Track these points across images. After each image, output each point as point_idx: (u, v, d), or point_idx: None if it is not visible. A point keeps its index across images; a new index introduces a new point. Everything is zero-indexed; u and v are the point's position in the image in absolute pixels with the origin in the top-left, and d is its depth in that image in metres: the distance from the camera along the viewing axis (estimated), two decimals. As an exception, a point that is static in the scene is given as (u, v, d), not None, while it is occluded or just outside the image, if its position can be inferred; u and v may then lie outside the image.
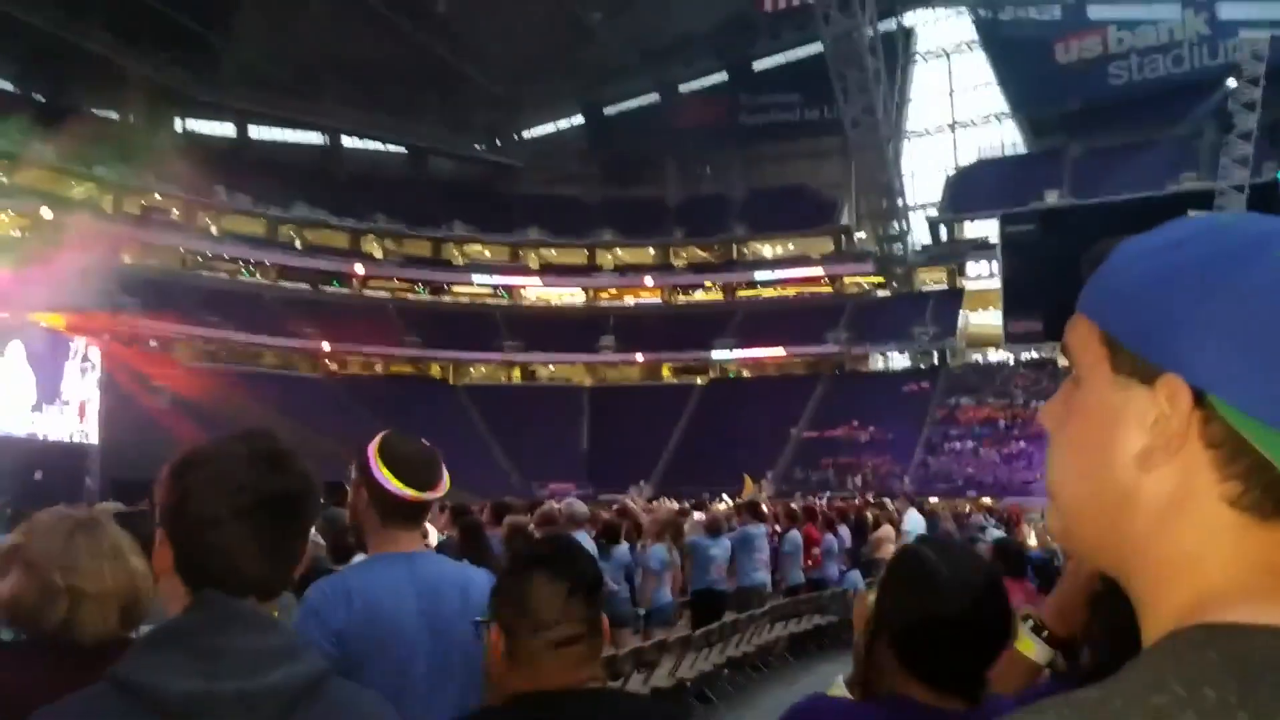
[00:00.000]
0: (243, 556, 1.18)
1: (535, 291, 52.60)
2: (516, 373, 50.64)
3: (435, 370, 49.19)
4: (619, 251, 53.09)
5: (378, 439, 2.19)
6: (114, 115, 45.67)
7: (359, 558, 2.95)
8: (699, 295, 52.15)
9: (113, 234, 38.80)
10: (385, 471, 2.11)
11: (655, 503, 15.74)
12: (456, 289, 51.63)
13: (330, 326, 44.24)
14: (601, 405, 46.08)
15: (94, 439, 22.97)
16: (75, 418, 22.74)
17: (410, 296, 50.21)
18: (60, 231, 35.42)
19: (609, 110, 56.54)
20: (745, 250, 52.55)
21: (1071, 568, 1.86)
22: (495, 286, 51.99)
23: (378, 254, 50.34)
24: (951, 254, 47.04)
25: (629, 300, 52.17)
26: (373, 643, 1.97)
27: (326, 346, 44.89)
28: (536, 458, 39.34)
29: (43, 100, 41.92)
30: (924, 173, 50.16)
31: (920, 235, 49.09)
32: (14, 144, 36.68)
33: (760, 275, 51.12)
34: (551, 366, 50.96)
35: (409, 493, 2.10)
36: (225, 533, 1.18)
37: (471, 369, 49.99)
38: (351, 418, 35.72)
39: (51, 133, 37.52)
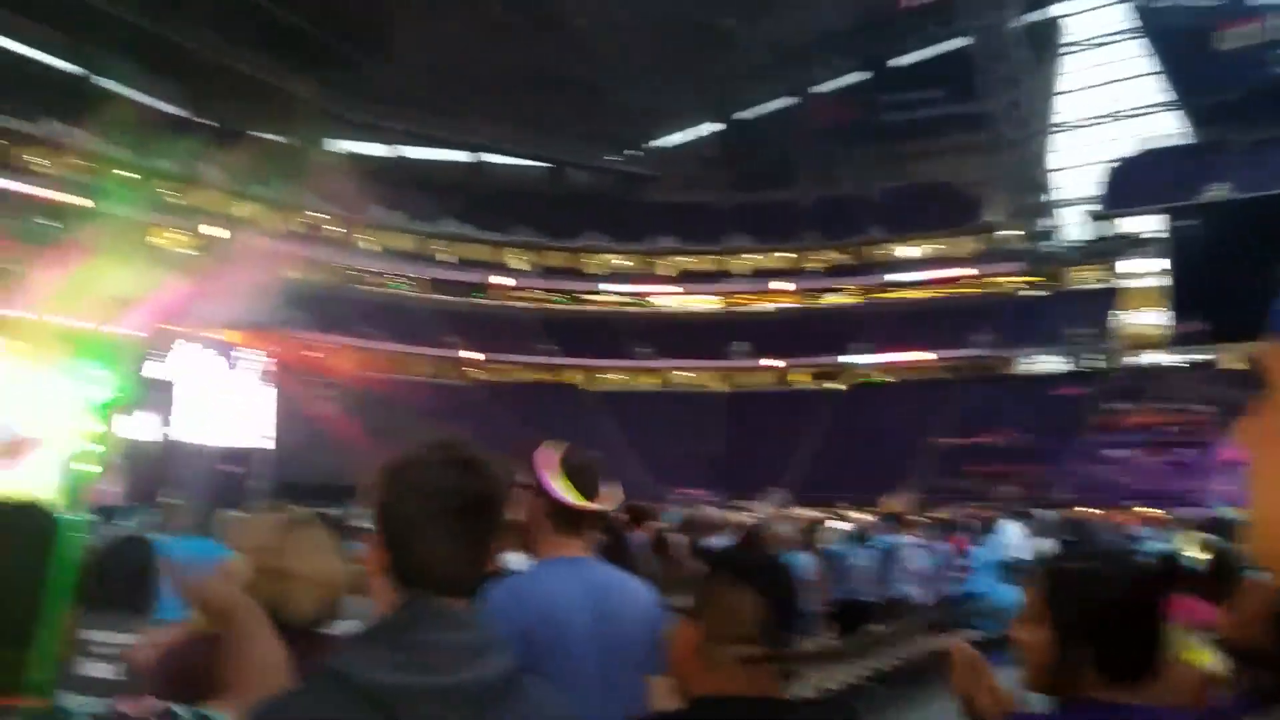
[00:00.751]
0: (443, 557, 1.25)
1: (668, 299, 52.90)
2: (651, 379, 51.01)
3: (571, 377, 50.08)
4: (752, 257, 52.83)
5: (549, 448, 2.28)
6: (277, 137, 48.48)
7: (513, 561, 3.05)
8: (834, 299, 51.31)
9: (278, 251, 41.13)
10: (556, 480, 2.21)
11: (789, 510, 15.59)
12: (591, 297, 52.46)
13: (475, 336, 45.78)
14: (736, 411, 45.88)
15: (266, 444, 24.38)
16: (249, 425, 24.26)
17: (548, 306, 51.35)
18: (230, 249, 37.81)
19: (742, 115, 56.38)
20: (883, 251, 51.42)
21: (1252, 583, 1.81)
22: (628, 294, 52.58)
23: (518, 265, 51.72)
24: (1106, 251, 44.84)
25: (763, 306, 51.83)
26: (548, 643, 2.05)
27: (471, 355, 46.38)
28: (670, 463, 39.50)
29: (211, 124, 44.77)
30: (1076, 167, 47.99)
31: (1072, 231, 47.02)
32: (186, 166, 39.40)
33: (899, 277, 49.87)
34: (685, 373, 51.08)
35: (575, 501, 2.20)
36: (428, 535, 1.25)
37: (606, 376, 50.64)
38: (494, 423, 36.76)
39: (220, 155, 40.08)
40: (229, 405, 23.75)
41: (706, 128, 58.36)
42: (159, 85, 43.72)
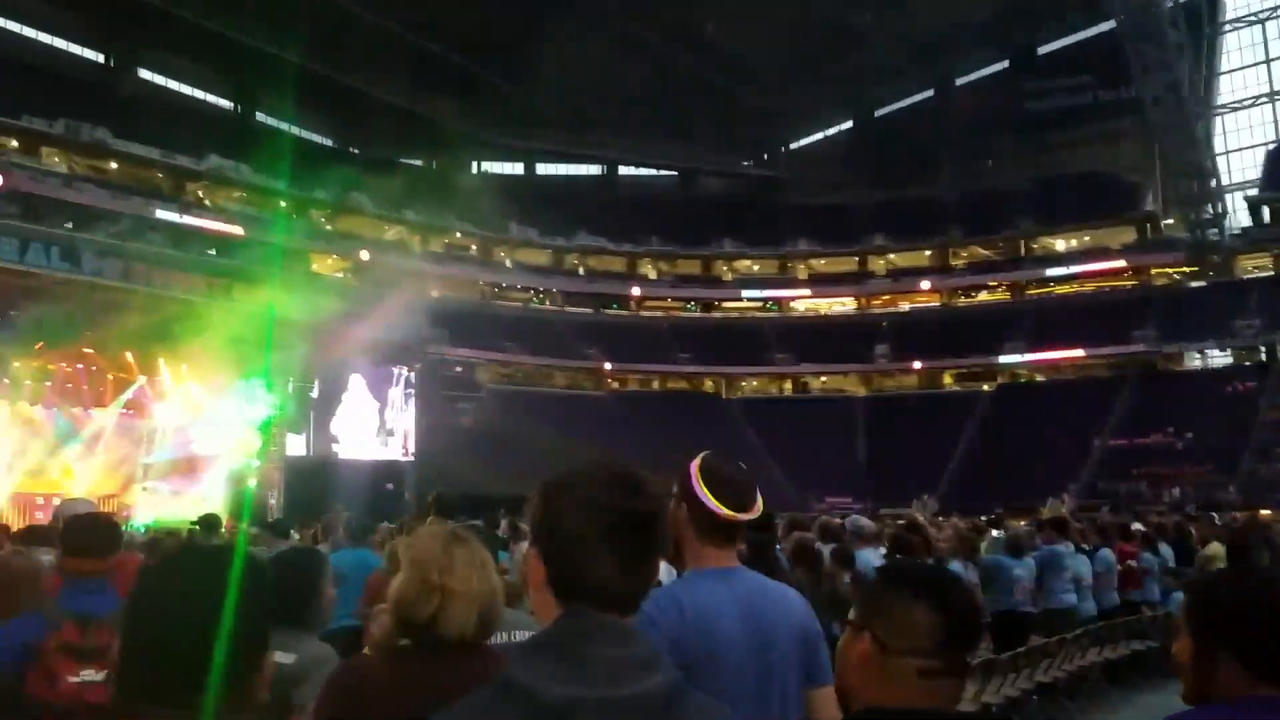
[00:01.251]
0: (606, 573, 1.26)
1: (806, 302, 52.25)
2: (788, 385, 50.49)
3: (708, 385, 50.05)
4: (892, 256, 51.63)
5: (698, 459, 2.28)
6: (418, 162, 50.56)
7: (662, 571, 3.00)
8: (982, 296, 49.58)
9: (421, 271, 42.82)
10: (706, 491, 2.20)
11: (940, 519, 15.09)
12: (727, 304, 52.36)
13: (612, 347, 46.38)
14: (879, 416, 44.86)
15: (412, 458, 25.33)
16: (399, 439, 25.27)
17: (683, 314, 51.55)
18: (377, 271, 39.55)
19: (879, 112, 55.35)
20: (1033, 245, 49.36)
21: None
22: (764, 300, 52.22)
23: (652, 275, 52.15)
24: (1273, 237, 41.83)
25: (904, 306, 50.54)
26: (702, 654, 2.04)
27: (608, 366, 47.00)
28: (812, 471, 38.92)
29: (356, 153, 47.00)
30: (1239, 150, 44.99)
31: (1240, 218, 44.06)
32: (335, 195, 41.50)
33: (1052, 271, 47.74)
34: (823, 378, 50.33)
35: (726, 512, 2.19)
36: (590, 551, 1.27)
37: (743, 383, 50.40)
38: (631, 433, 37.10)
39: (366, 182, 42.06)
40: (379, 421, 24.79)
41: (842, 126, 57.59)
42: (312, 119, 46.24)
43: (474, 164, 53.56)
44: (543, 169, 55.74)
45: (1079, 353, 43.92)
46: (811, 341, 48.06)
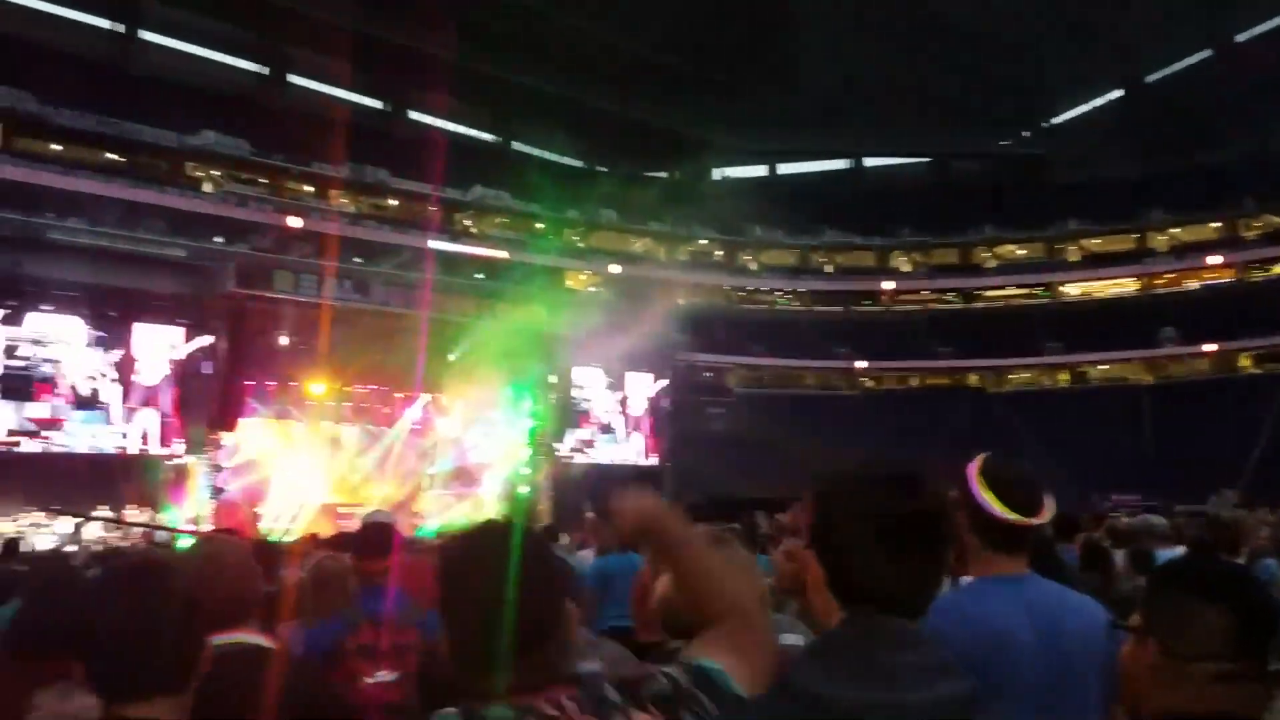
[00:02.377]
0: (886, 575, 1.25)
1: (1078, 286, 48.69)
2: (1063, 375, 47.24)
3: (972, 379, 47.75)
4: (1174, 231, 47.08)
5: (978, 461, 2.16)
6: (662, 174, 51.82)
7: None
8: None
9: (668, 280, 43.87)
10: (987, 494, 2.08)
11: (1245, 512, 13.63)
12: (989, 293, 49.72)
13: (864, 344, 45.36)
14: (1167, 404, 41.03)
15: (668, 463, 26.01)
16: (653, 445, 26.04)
17: (941, 306, 49.50)
18: (627, 283, 40.93)
19: (1151, 77, 50.79)
20: (1343, 208, 43.52)
21: None
22: (1031, 286, 49.15)
23: (905, 267, 50.49)
24: None
25: (1191, 284, 45.94)
26: (990, 668, 1.90)
27: (861, 364, 45.99)
28: (1094, 467, 36.12)
29: (604, 171, 48.85)
30: None
31: None
32: (586, 213, 43.36)
33: (1369, 236, 41.92)
34: (1103, 366, 46.67)
35: (1011, 517, 2.07)
36: (869, 553, 1.25)
37: (1012, 375, 47.68)
38: (888, 433, 36.06)
39: (613, 198, 43.63)
40: (632, 428, 25.67)
41: (1110, 96, 53.33)
42: (563, 142, 48.63)
43: (716, 171, 54.18)
44: (785, 169, 55.43)
45: None
46: (1087, 327, 44.69)
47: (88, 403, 19.00)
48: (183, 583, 1.63)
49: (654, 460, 26.21)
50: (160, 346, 19.70)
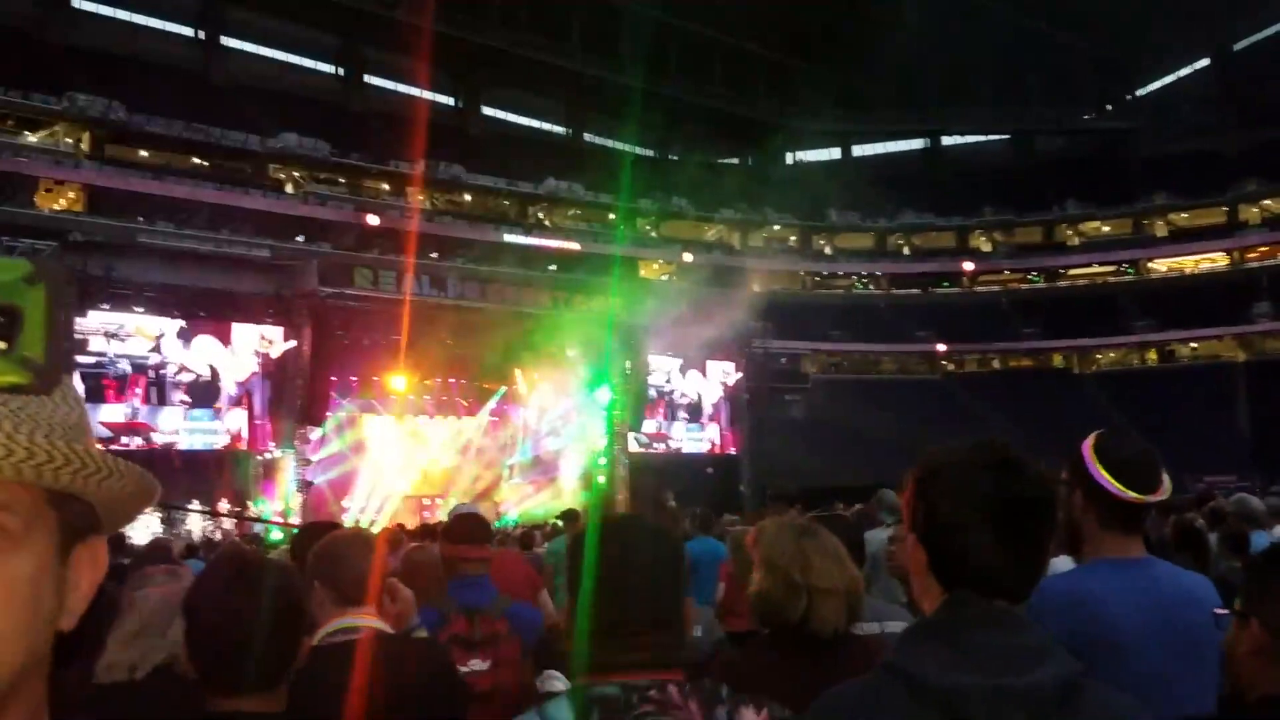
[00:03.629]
0: (989, 559, 1.23)
1: (1167, 262, 47.04)
2: (1152, 354, 45.76)
3: (1057, 360, 46.52)
4: (1268, 203, 45.11)
5: (1092, 438, 2.11)
6: (734, 160, 51.52)
7: (1059, 563, 2.76)
8: (1387, 238, 42.14)
9: (742, 267, 43.60)
10: (1105, 473, 2.03)
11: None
12: (1074, 271, 48.34)
13: (944, 327, 44.51)
14: (1263, 382, 39.43)
15: (747, 451, 25.94)
16: (730, 433, 25.97)
17: (1023, 286, 48.32)
18: (700, 273, 40.79)
19: (1239, 45, 48.71)
20: None
21: None
22: (1118, 263, 47.64)
23: (986, 248, 49.38)
24: None
25: (1288, 257, 44.00)
26: (1100, 651, 1.86)
27: (941, 347, 45.16)
28: (1186, 447, 34.81)
29: (675, 159, 48.70)
30: None
31: None
32: (658, 202, 43.33)
33: None
34: (1193, 344, 45.06)
35: (1130, 495, 2.01)
36: (971, 537, 1.23)
37: (1098, 355, 46.34)
38: (971, 416, 35.40)
39: (686, 186, 43.49)
40: (710, 416, 25.62)
41: (1197, 65, 51.30)
42: (634, 132, 48.60)
43: (789, 154, 53.63)
44: (859, 150, 54.54)
45: None
46: (1177, 304, 43.18)
47: (200, 397, 19.64)
48: (283, 579, 1.66)
49: (731, 449, 26.13)
50: (251, 345, 20.26)
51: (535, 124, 49.53)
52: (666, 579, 1.41)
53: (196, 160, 34.55)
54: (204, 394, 19.88)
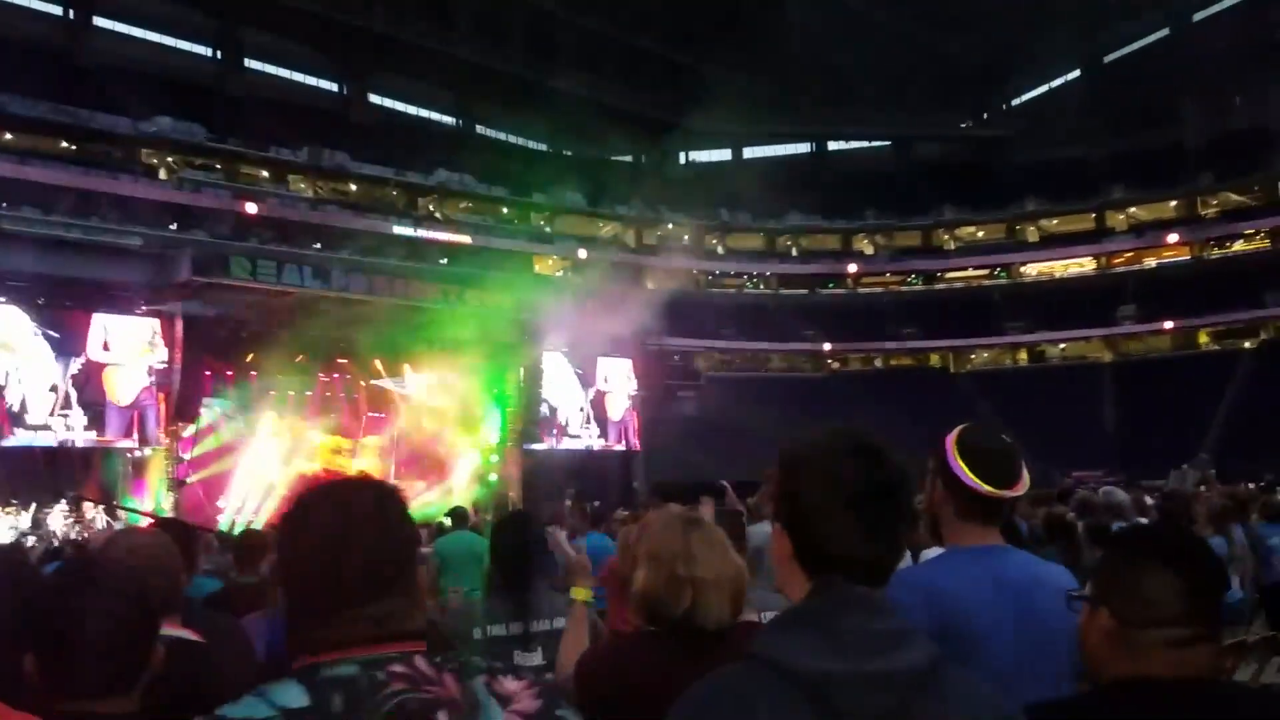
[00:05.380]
0: (852, 543, 1.25)
1: (1038, 266, 49.25)
2: (1023, 355, 47.85)
3: (935, 359, 48.22)
4: (1133, 210, 47.72)
5: (956, 431, 2.12)
6: (627, 158, 51.61)
7: (930, 552, 2.80)
8: (1237, 246, 44.94)
9: (636, 264, 43.77)
10: (962, 465, 2.05)
11: (1206, 488, 13.82)
12: (951, 275, 50.17)
13: (831, 327, 45.59)
14: (1127, 382, 41.68)
15: (636, 447, 25.95)
16: (622, 430, 25.96)
17: (903, 288, 49.90)
18: (595, 269, 40.74)
19: (1109, 58, 51.36)
20: (1297, 187, 44.25)
21: None
22: (992, 266, 49.65)
23: (869, 250, 50.79)
24: None
25: (1149, 262, 46.61)
26: (954, 638, 1.87)
27: (827, 346, 46.25)
28: (1056, 443, 36.57)
29: (569, 154, 48.58)
30: None
31: None
32: (552, 197, 43.08)
33: (1321, 213, 42.62)
34: (1063, 345, 47.31)
35: (985, 488, 2.03)
36: (835, 522, 1.25)
37: (973, 355, 48.21)
38: (856, 413, 36.29)
39: (579, 182, 43.40)
40: (602, 413, 25.56)
41: (1069, 77, 53.93)
42: (526, 125, 48.24)
43: (681, 154, 54.10)
44: (750, 152, 55.45)
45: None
46: (1047, 307, 45.28)
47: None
48: (138, 582, 1.65)
49: (623, 445, 26.15)
50: (122, 338, 19.14)
51: (424, 113, 48.65)
52: (395, 540, 1.27)
53: (64, 144, 32.78)
54: (66, 388, 18.69)
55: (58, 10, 38.60)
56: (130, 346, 18.95)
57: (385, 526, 1.27)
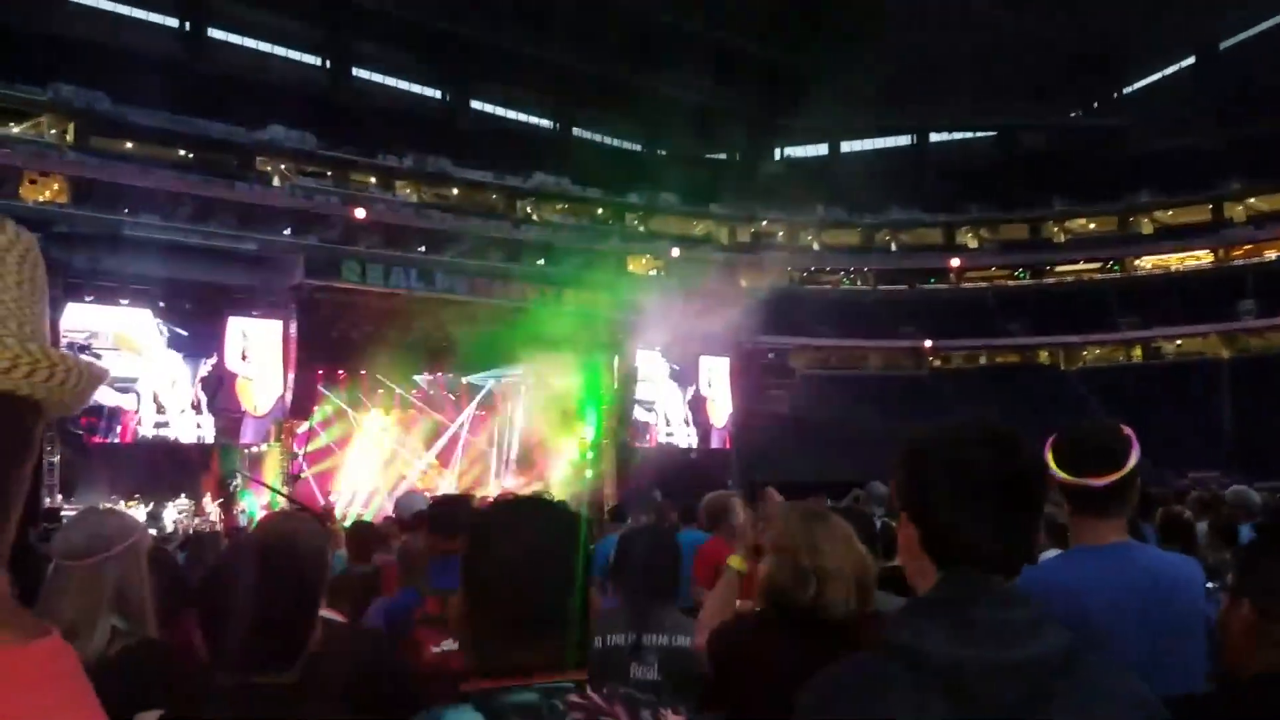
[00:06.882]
0: (982, 534, 1.23)
1: (1152, 259, 47.32)
2: (1136, 351, 46.05)
3: (1043, 356, 46.78)
4: (1253, 201, 45.45)
5: (1065, 428, 2.13)
6: (722, 156, 51.51)
7: (1048, 554, 2.77)
8: (1369, 236, 42.45)
9: (730, 262, 43.64)
10: (1050, 457, 2.05)
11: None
12: (1060, 268, 48.58)
13: (930, 323, 44.67)
14: (1246, 379, 39.73)
15: (732, 445, 25.93)
16: (717, 428, 25.97)
17: (1010, 283, 48.53)
18: (688, 266, 40.80)
19: (1224, 44, 49.03)
20: None
21: None
22: (1104, 260, 47.90)
23: (973, 244, 49.56)
24: None
25: (1269, 255, 44.30)
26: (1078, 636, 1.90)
27: (928, 343, 45.32)
28: (1169, 443, 35.09)
29: (663, 154, 48.70)
30: None
31: None
32: (646, 197, 43.29)
33: None
34: (1179, 341, 45.37)
35: (1061, 475, 2.03)
36: (965, 512, 1.24)
37: (1084, 352, 46.60)
38: (957, 412, 35.45)
39: (674, 182, 43.49)
40: (703, 414, 25.63)
41: (1183, 64, 51.65)
42: (622, 126, 48.59)
43: (777, 151, 53.72)
44: (847, 147, 54.70)
45: None
46: (1162, 302, 43.47)
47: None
48: (302, 562, 1.71)
49: (718, 443, 26.18)
50: (261, 349, 19.86)
51: (523, 118, 49.44)
52: (579, 568, 1.29)
53: (182, 152, 34.34)
54: (191, 387, 19.60)
55: (174, 23, 40.45)
56: (269, 358, 19.67)
57: (575, 554, 1.30)
